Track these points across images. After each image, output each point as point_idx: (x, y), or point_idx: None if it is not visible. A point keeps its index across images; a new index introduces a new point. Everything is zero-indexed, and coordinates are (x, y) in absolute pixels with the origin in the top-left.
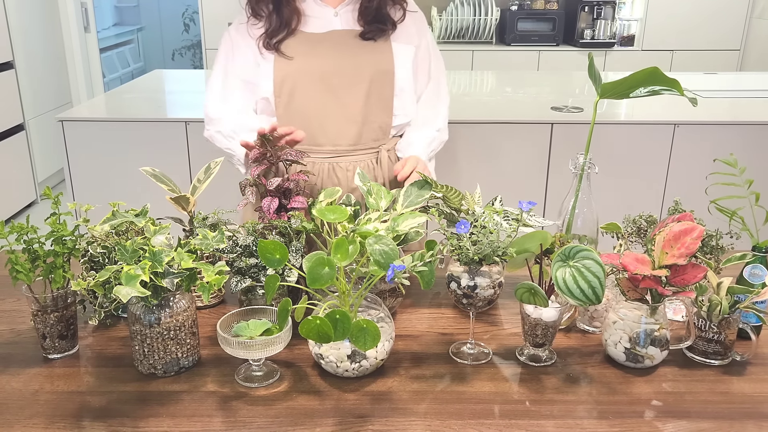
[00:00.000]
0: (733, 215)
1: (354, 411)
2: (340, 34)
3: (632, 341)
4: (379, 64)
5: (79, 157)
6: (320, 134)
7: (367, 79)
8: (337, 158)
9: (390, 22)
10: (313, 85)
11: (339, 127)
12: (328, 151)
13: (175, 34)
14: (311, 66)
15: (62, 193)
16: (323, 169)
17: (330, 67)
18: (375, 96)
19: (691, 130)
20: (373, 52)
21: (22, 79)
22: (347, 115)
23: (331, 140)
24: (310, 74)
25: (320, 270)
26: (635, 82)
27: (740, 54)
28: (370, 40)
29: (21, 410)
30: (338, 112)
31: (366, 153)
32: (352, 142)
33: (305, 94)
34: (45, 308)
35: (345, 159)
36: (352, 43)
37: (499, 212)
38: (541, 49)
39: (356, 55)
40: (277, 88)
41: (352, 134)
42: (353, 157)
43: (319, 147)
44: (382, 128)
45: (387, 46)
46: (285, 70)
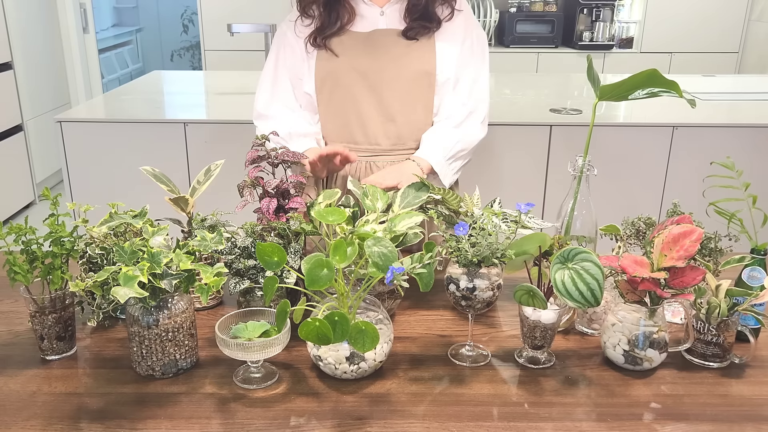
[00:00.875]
0: (732, 218)
1: (352, 413)
2: (383, 33)
3: (631, 343)
4: (421, 65)
5: (78, 158)
6: (359, 133)
7: (408, 79)
8: (375, 157)
9: (435, 20)
10: (353, 84)
11: (378, 127)
12: (366, 149)
13: (174, 35)
14: (352, 65)
15: (60, 194)
16: (360, 167)
17: (370, 67)
18: (415, 96)
19: (690, 132)
20: (416, 52)
21: (20, 79)
22: (387, 115)
23: (370, 139)
24: (351, 73)
25: (319, 272)
26: (634, 84)
27: (738, 56)
28: (413, 40)
29: (18, 412)
30: (378, 111)
31: (405, 153)
32: (391, 142)
33: (345, 92)
34: (43, 309)
35: (383, 158)
36: (395, 43)
37: (497, 214)
38: (539, 51)
39: (397, 55)
40: (319, 85)
41: (392, 134)
42: (391, 157)
43: (357, 145)
44: (422, 129)
45: (430, 45)
46: (326, 68)
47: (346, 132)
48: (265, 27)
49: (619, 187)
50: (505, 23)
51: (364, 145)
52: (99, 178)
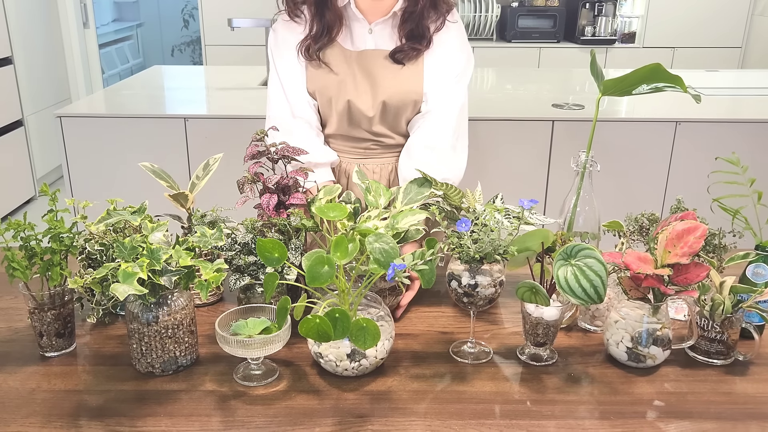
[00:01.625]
0: (736, 214)
1: (353, 410)
2: (371, 55)
3: (634, 341)
4: (408, 93)
5: (78, 153)
6: (348, 142)
7: (393, 106)
8: (364, 159)
9: (426, 39)
10: (340, 104)
11: (363, 141)
12: (356, 153)
13: (175, 30)
14: (341, 86)
15: (59, 189)
16: (350, 169)
17: (358, 95)
18: (401, 119)
19: (693, 127)
20: (403, 78)
21: (20, 74)
22: (371, 132)
23: (356, 150)
24: (340, 95)
25: (320, 268)
26: (638, 78)
27: (742, 51)
28: (401, 64)
29: (18, 409)
30: (362, 129)
31: (393, 155)
32: (378, 152)
33: (333, 109)
34: (42, 306)
35: (372, 161)
36: (382, 68)
37: (500, 210)
38: (541, 46)
39: (385, 83)
40: (311, 93)
41: (378, 147)
42: (381, 159)
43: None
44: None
45: (419, 70)
46: (317, 82)
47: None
48: (265, 22)
49: (621, 182)
50: (506, 18)
51: (350, 150)
52: (99, 174)
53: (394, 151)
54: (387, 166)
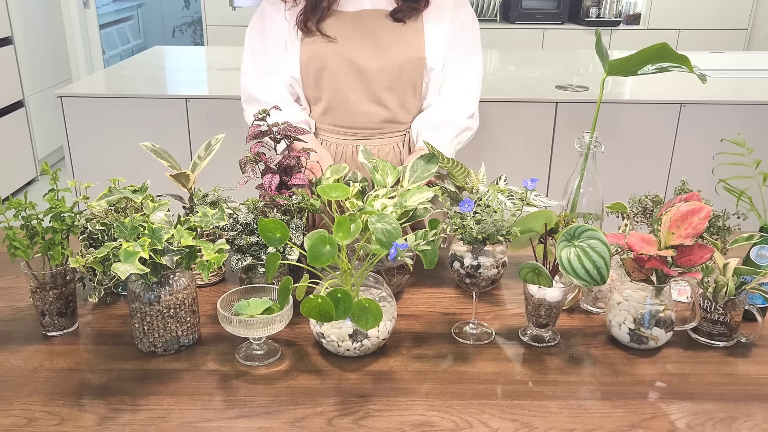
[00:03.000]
0: (741, 195)
1: (355, 390)
2: (370, 15)
3: (637, 322)
4: (410, 49)
5: (79, 133)
6: (346, 117)
7: (397, 63)
8: (362, 141)
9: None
10: (340, 68)
11: (365, 111)
12: (353, 133)
13: (176, 10)
14: (338, 48)
15: (60, 169)
16: (347, 151)
17: (358, 52)
18: (404, 80)
19: (698, 109)
20: (404, 36)
21: (21, 54)
22: (374, 99)
23: (357, 123)
24: (337, 57)
25: (321, 248)
26: (643, 58)
27: (748, 33)
28: (401, 22)
29: (20, 387)
30: (365, 95)
31: (392, 136)
32: (378, 126)
33: (331, 77)
34: (44, 285)
35: (370, 141)
36: (382, 27)
37: (503, 191)
38: (545, 27)
39: (385, 40)
40: (304, 68)
41: (380, 117)
42: (379, 140)
43: (344, 129)
44: (411, 111)
45: (419, 27)
46: (311, 51)
47: (332, 116)
48: None
49: (625, 164)
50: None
51: (351, 129)
52: (100, 154)
53: (392, 131)
54: (385, 147)
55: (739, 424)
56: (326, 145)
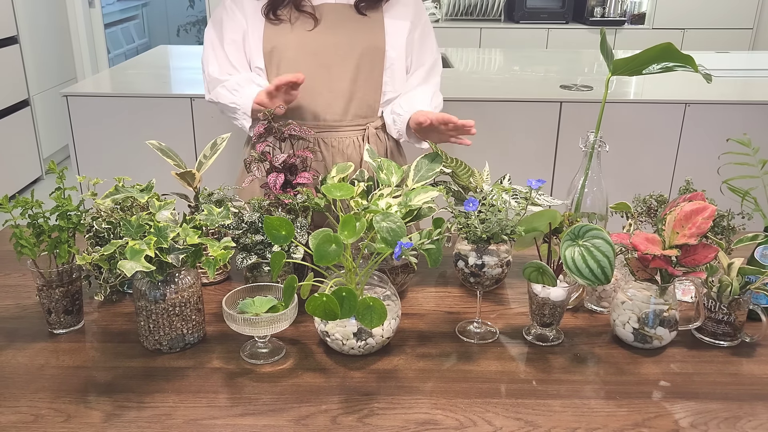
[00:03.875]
0: (746, 195)
1: (360, 389)
2: (332, 7)
3: (641, 322)
4: (370, 40)
5: (84, 132)
6: (307, 109)
7: (357, 55)
8: (322, 133)
9: None
10: (301, 59)
11: (326, 102)
12: (313, 125)
13: (180, 9)
14: (299, 39)
15: (66, 167)
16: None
17: (319, 42)
18: (364, 72)
19: (703, 109)
20: (365, 27)
21: (26, 54)
22: (335, 90)
23: (317, 115)
24: (298, 47)
25: (327, 247)
26: (648, 58)
27: (753, 33)
28: (362, 15)
29: (27, 385)
30: (326, 86)
31: (353, 130)
32: (338, 118)
33: (292, 67)
34: (50, 283)
35: (331, 134)
36: (344, 17)
37: (507, 190)
38: (550, 26)
39: (347, 30)
40: (267, 59)
41: (339, 110)
42: (340, 133)
43: (305, 121)
44: (370, 105)
45: (379, 21)
46: (273, 42)
47: (293, 107)
48: None
49: (630, 164)
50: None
51: (311, 121)
52: (105, 153)
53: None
54: (345, 140)
55: (743, 423)
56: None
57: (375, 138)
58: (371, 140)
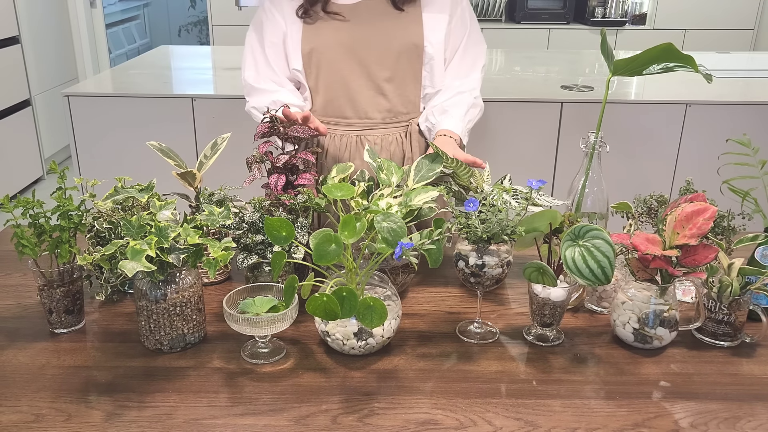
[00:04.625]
0: (746, 196)
1: (360, 389)
2: (369, 4)
3: (641, 322)
4: (409, 36)
5: (85, 132)
6: (348, 107)
7: (396, 51)
8: (365, 131)
9: None
10: (340, 58)
11: (368, 100)
12: (356, 124)
13: (182, 10)
14: (338, 39)
15: (68, 167)
16: (351, 142)
17: (358, 40)
18: (404, 68)
19: (704, 109)
20: (403, 23)
21: (27, 54)
22: (375, 88)
23: (360, 113)
24: (338, 47)
25: (327, 247)
26: (649, 58)
27: (754, 33)
28: (400, 10)
29: (28, 384)
30: (367, 84)
31: (395, 126)
32: (381, 116)
33: (333, 67)
34: (51, 283)
35: (374, 132)
36: (382, 14)
37: (508, 190)
38: (551, 27)
39: (385, 27)
40: (305, 61)
41: (382, 108)
42: (382, 131)
43: (347, 120)
44: (411, 101)
45: (417, 16)
46: (312, 43)
47: (335, 107)
48: None
49: (630, 164)
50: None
51: (353, 119)
52: (107, 153)
53: (395, 122)
54: (388, 137)
55: (743, 423)
56: (330, 137)
57: (417, 134)
58: (413, 136)
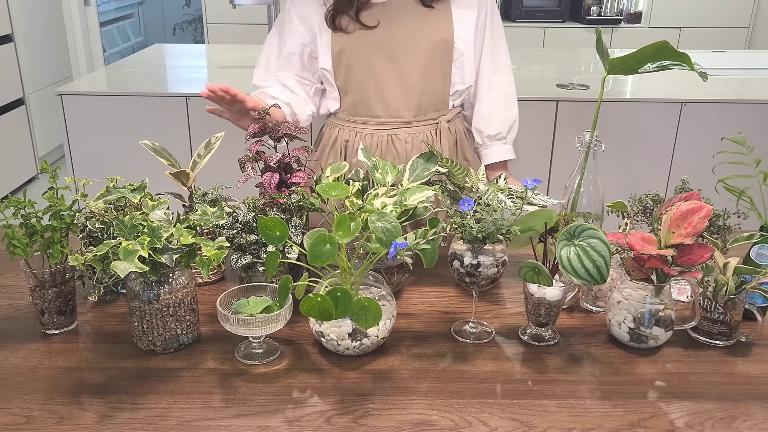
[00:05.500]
0: (741, 195)
1: (355, 389)
2: (398, 2)
3: (636, 321)
4: (439, 33)
5: (79, 131)
6: (379, 106)
7: (426, 49)
8: (395, 130)
9: None
10: (370, 57)
11: (398, 99)
12: (386, 123)
13: (176, 8)
14: (368, 37)
15: (60, 167)
16: (382, 141)
17: (388, 39)
18: (434, 66)
19: (699, 108)
20: (432, 20)
21: (21, 52)
22: (406, 86)
23: (391, 112)
24: (368, 46)
25: (321, 247)
26: (644, 56)
27: (749, 32)
28: (430, 7)
29: (19, 386)
30: (397, 83)
31: (425, 124)
32: (411, 114)
33: (363, 66)
34: (43, 284)
35: (404, 131)
36: (411, 12)
37: (503, 190)
38: (546, 25)
39: (415, 25)
40: (335, 60)
41: (411, 105)
42: (413, 129)
43: (377, 119)
44: (442, 98)
45: (446, 12)
46: (342, 42)
47: (365, 106)
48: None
49: (626, 163)
50: None
51: (384, 118)
52: (100, 152)
53: (425, 119)
54: (419, 135)
55: (738, 423)
56: (360, 136)
57: (447, 132)
58: (443, 134)
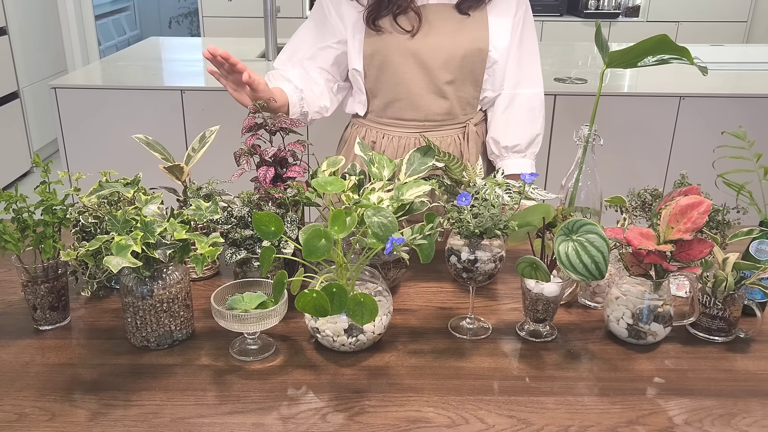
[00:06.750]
0: (741, 189)
1: (350, 386)
2: (435, 8)
3: (635, 317)
4: (473, 42)
5: (73, 125)
6: (409, 110)
7: (460, 57)
8: (424, 133)
9: None
10: (403, 61)
11: (428, 103)
12: (415, 126)
13: (172, 1)
14: (402, 42)
15: (52, 161)
16: (410, 143)
17: (421, 44)
18: (467, 72)
19: (697, 102)
20: (468, 28)
21: (15, 45)
22: (437, 91)
23: (420, 116)
24: (401, 50)
25: (317, 242)
26: (643, 50)
27: (747, 26)
28: (465, 15)
29: (11, 382)
30: (428, 88)
31: (453, 128)
32: (440, 118)
33: (395, 70)
34: (35, 279)
35: (432, 134)
36: (447, 19)
37: (500, 185)
38: (544, 19)
39: (450, 32)
40: (367, 62)
41: (441, 110)
42: (441, 132)
43: (406, 122)
44: (471, 103)
45: (483, 20)
46: (375, 45)
47: (395, 109)
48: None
49: (624, 157)
50: None
51: (413, 121)
52: (95, 146)
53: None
54: (446, 139)
55: (737, 420)
56: (388, 138)
57: (474, 135)
58: (471, 137)
